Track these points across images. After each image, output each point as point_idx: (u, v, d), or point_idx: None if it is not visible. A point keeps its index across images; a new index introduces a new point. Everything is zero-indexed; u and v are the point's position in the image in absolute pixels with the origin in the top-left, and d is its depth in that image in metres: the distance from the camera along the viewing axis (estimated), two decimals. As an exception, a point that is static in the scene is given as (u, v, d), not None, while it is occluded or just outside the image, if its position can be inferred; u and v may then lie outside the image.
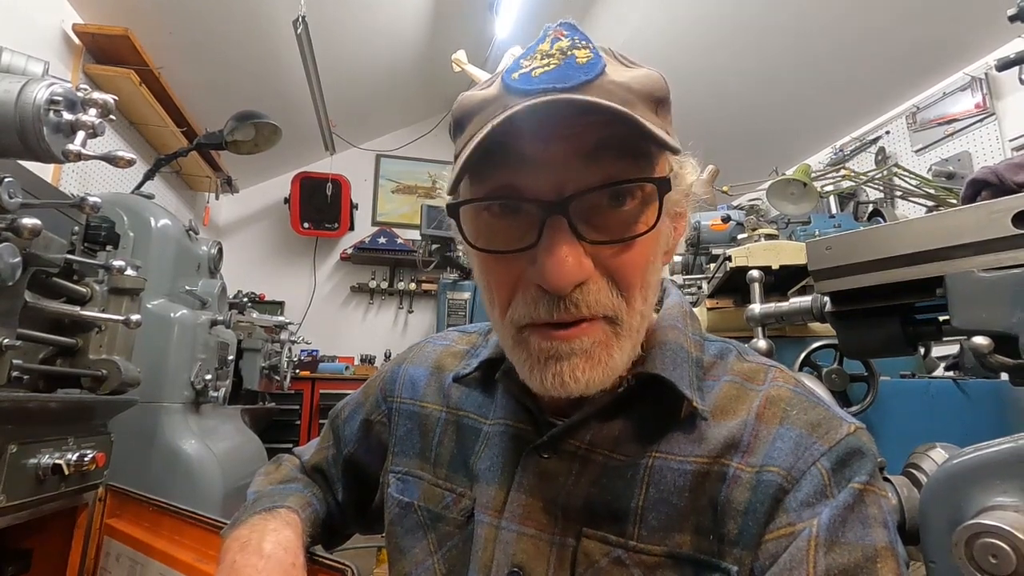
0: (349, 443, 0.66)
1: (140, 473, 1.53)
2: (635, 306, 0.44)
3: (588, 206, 0.42)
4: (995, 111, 2.72)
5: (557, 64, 0.42)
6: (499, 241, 0.44)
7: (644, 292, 0.45)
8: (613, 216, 0.43)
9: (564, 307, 0.42)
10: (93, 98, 0.82)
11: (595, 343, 0.43)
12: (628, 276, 0.43)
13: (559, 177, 0.41)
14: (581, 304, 0.42)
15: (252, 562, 0.50)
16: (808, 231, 2.17)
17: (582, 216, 0.42)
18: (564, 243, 0.40)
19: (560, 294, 0.41)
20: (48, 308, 0.89)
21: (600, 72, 0.42)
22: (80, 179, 2.49)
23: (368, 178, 4.95)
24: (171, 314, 1.71)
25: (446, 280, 3.55)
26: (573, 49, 0.43)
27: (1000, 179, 0.84)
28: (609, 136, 0.41)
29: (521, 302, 0.43)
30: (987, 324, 0.68)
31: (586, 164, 0.41)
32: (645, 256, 0.44)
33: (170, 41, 2.86)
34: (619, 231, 0.43)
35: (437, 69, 3.75)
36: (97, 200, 0.85)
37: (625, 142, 0.41)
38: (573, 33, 0.44)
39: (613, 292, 0.43)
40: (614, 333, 0.43)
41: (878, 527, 0.40)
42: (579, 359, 0.42)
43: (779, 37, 3.17)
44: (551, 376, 0.42)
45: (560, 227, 0.41)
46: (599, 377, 0.43)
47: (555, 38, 0.44)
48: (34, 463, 0.83)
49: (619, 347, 0.44)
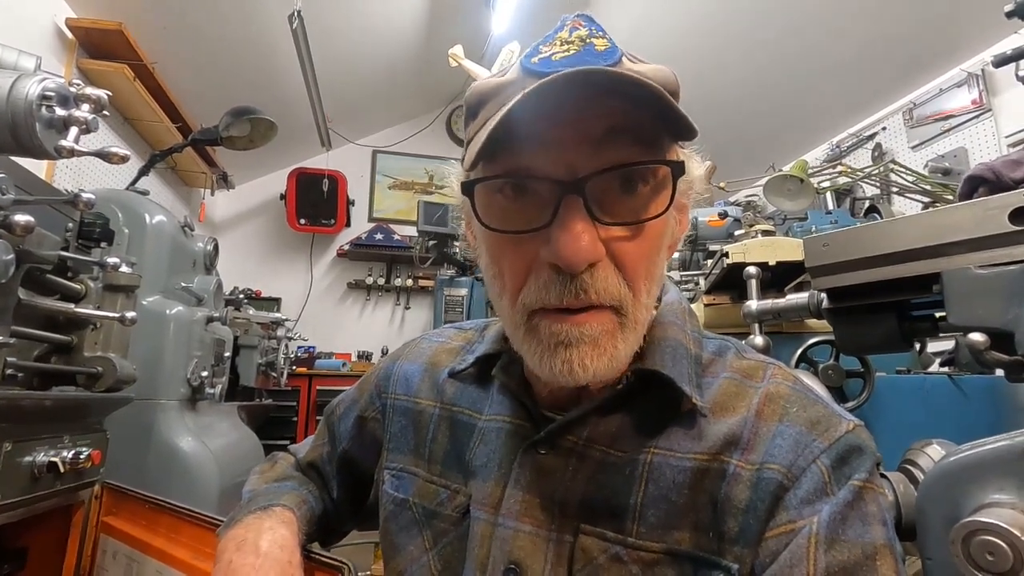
0: (344, 440, 0.66)
1: (137, 470, 1.53)
2: (640, 298, 0.44)
3: (601, 189, 0.42)
4: (991, 107, 2.73)
5: (577, 50, 0.43)
6: (513, 223, 0.44)
7: (648, 285, 0.45)
8: (625, 201, 0.43)
9: (574, 291, 0.42)
10: (86, 93, 0.81)
11: (603, 331, 0.43)
12: (635, 264, 0.44)
13: (573, 158, 0.42)
14: (591, 289, 0.42)
15: (249, 561, 0.50)
16: (805, 227, 2.17)
17: (596, 198, 0.42)
18: (580, 221, 0.41)
19: (573, 271, 0.41)
20: (42, 305, 0.89)
21: (619, 60, 0.43)
22: (74, 175, 2.47)
23: (365, 174, 4.93)
24: (167, 311, 1.71)
25: (443, 276, 3.54)
26: (591, 38, 0.44)
27: (997, 176, 0.83)
28: (624, 122, 0.41)
29: (533, 286, 0.44)
30: (983, 320, 0.68)
31: (600, 147, 0.42)
32: (653, 245, 0.45)
33: (164, 36, 2.83)
34: (631, 216, 0.43)
35: (434, 64, 3.74)
36: (91, 196, 0.84)
37: (639, 129, 0.42)
38: (591, 24, 0.45)
39: (620, 281, 0.43)
40: (620, 324, 0.44)
41: (877, 524, 0.40)
42: (587, 347, 0.43)
43: (776, 33, 3.17)
44: (560, 363, 0.43)
45: (575, 206, 0.41)
46: (605, 367, 0.43)
47: (573, 27, 0.45)
48: (29, 461, 0.82)
49: (623, 339, 0.44)
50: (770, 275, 1.41)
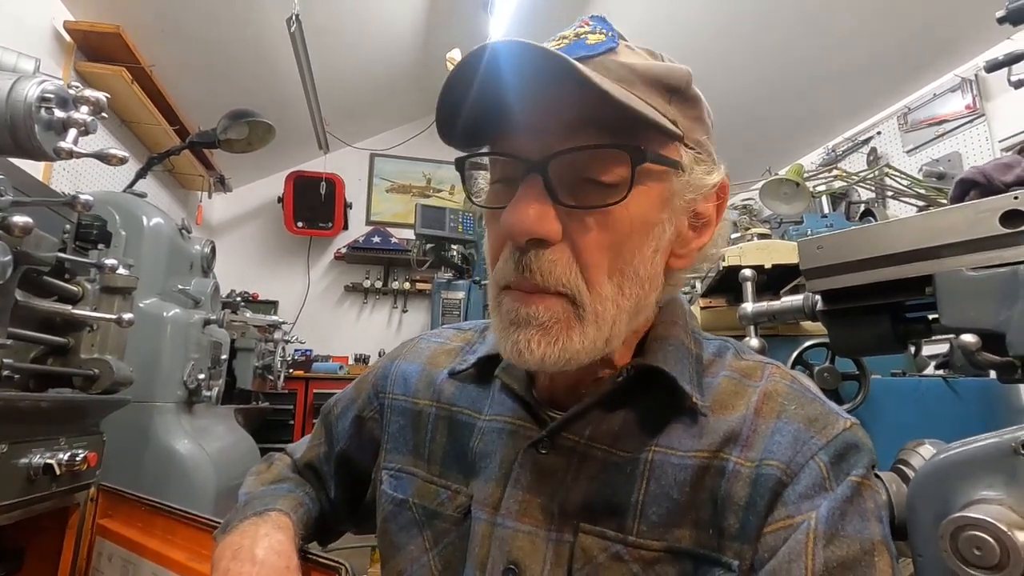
0: (342, 440, 0.66)
1: (133, 473, 1.53)
2: (598, 290, 0.44)
3: (569, 171, 0.43)
4: (985, 112, 2.75)
5: (568, 44, 0.44)
6: (493, 200, 0.47)
7: (617, 279, 0.44)
8: (590, 188, 0.43)
9: (522, 268, 0.43)
10: (85, 96, 0.81)
11: (552, 319, 0.43)
12: (593, 252, 0.43)
13: (545, 141, 0.43)
14: (536, 270, 0.43)
15: (245, 569, 0.49)
16: (800, 230, 2.18)
17: (561, 180, 0.43)
18: (532, 197, 0.42)
19: (515, 241, 0.43)
20: (39, 307, 0.89)
21: (604, 51, 0.43)
22: (72, 177, 2.47)
23: (362, 177, 4.93)
24: (164, 313, 1.71)
25: (440, 280, 3.53)
26: (589, 34, 0.45)
27: (988, 179, 0.84)
28: (599, 113, 0.42)
29: (501, 262, 0.45)
30: (975, 322, 0.68)
31: (571, 132, 0.43)
32: (621, 237, 0.44)
33: (162, 39, 2.84)
34: (591, 201, 0.43)
35: (432, 68, 3.75)
36: (89, 198, 0.84)
37: (614, 120, 0.42)
38: (599, 24, 0.46)
39: (572, 269, 0.43)
40: (576, 316, 0.43)
41: (874, 521, 0.41)
42: (535, 331, 0.43)
43: (771, 37, 3.19)
44: (511, 343, 0.44)
45: (534, 183, 0.43)
46: (555, 355, 0.43)
47: (580, 25, 0.46)
48: (25, 463, 0.82)
49: (581, 331, 0.43)
50: (766, 278, 1.42)
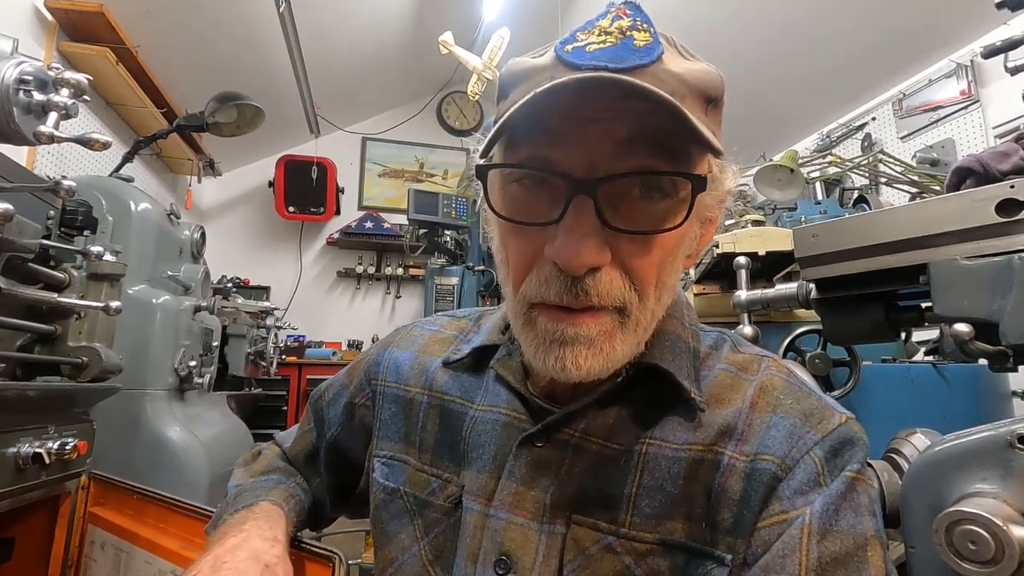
0: (333, 426, 0.65)
1: (124, 461, 1.52)
2: (647, 303, 0.44)
3: (618, 193, 0.41)
4: (979, 98, 2.75)
5: (614, 43, 0.41)
6: (523, 213, 0.44)
7: (659, 292, 0.45)
8: (641, 208, 0.42)
9: (575, 292, 0.41)
10: (65, 78, 0.79)
11: (600, 332, 0.42)
12: (645, 272, 0.43)
13: (592, 158, 0.41)
14: (592, 292, 0.41)
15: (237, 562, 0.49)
16: (794, 217, 2.18)
17: (610, 202, 0.41)
18: (587, 224, 0.40)
19: (573, 275, 0.41)
20: (24, 294, 0.87)
21: (656, 59, 0.41)
22: (56, 162, 2.42)
23: (354, 162, 4.88)
24: (153, 300, 1.69)
25: (434, 265, 3.52)
26: (633, 30, 0.42)
27: (984, 168, 0.84)
28: (650, 127, 0.40)
29: (535, 279, 0.43)
30: (968, 311, 0.68)
31: (621, 150, 0.40)
32: (666, 255, 0.44)
33: (148, 19, 2.77)
34: (644, 224, 0.42)
35: (424, 51, 3.70)
36: (72, 184, 0.82)
37: (665, 136, 0.40)
38: (636, 14, 0.43)
39: (627, 285, 0.43)
40: (621, 324, 0.43)
41: (868, 516, 0.41)
42: (583, 346, 0.42)
43: (766, 23, 3.16)
44: (554, 360, 0.43)
45: (586, 207, 0.40)
46: (599, 366, 0.43)
47: (616, 16, 0.43)
48: (14, 452, 0.81)
49: (623, 339, 0.43)
50: (759, 265, 1.42)
